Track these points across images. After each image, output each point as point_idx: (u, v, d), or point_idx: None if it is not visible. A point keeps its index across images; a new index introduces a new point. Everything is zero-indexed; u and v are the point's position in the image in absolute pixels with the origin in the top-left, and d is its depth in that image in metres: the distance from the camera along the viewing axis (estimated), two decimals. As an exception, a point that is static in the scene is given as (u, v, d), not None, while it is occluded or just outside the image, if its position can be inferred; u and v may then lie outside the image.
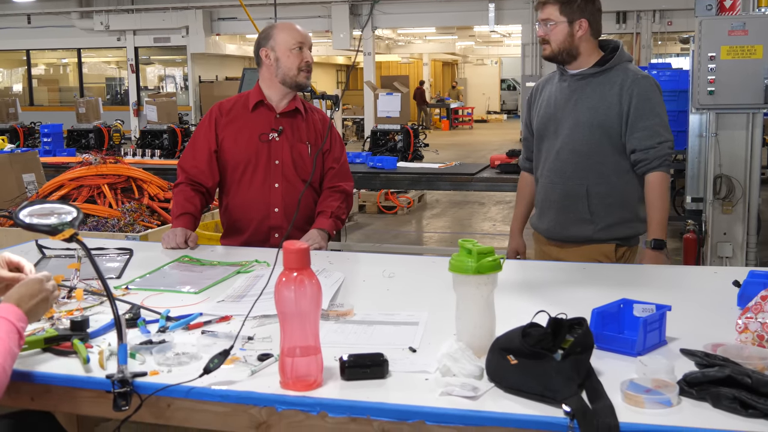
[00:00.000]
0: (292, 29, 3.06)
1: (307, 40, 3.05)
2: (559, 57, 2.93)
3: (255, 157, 3.07)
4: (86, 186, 4.47)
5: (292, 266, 1.56)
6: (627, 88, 2.87)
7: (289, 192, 3.07)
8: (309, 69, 3.05)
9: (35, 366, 1.74)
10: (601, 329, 1.78)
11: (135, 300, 2.20)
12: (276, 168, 3.07)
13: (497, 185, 5.79)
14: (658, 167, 2.86)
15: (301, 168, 3.09)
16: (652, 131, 2.86)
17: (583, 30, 2.89)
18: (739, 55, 5.39)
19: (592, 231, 2.94)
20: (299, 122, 3.13)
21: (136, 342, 1.81)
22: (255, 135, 3.08)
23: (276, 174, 3.07)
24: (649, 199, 2.88)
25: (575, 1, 2.88)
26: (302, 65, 3.02)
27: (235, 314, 2.07)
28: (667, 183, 2.90)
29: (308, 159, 3.10)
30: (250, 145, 3.08)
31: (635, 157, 2.88)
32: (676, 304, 1.90)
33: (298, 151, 3.10)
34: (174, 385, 1.59)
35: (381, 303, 2.19)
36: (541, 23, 2.93)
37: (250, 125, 3.10)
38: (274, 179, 3.07)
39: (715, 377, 1.46)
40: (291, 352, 1.58)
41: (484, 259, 1.70)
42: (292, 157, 3.08)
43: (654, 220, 2.87)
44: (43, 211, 1.82)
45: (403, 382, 1.61)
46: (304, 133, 3.13)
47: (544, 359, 1.53)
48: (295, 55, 3.02)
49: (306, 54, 3.04)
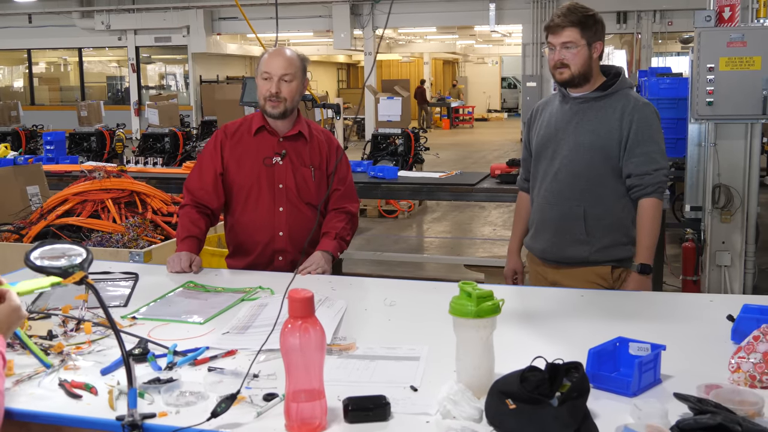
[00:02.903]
0: (268, 58, 3.07)
1: (276, 71, 3.02)
2: (576, 80, 2.94)
3: (258, 180, 3.12)
4: (90, 201, 4.51)
5: (297, 314, 1.61)
6: (628, 114, 2.91)
7: (293, 216, 3.12)
8: (275, 99, 3.04)
9: (46, 406, 1.79)
10: (597, 369, 1.82)
11: (142, 331, 2.25)
12: (280, 192, 3.12)
13: (497, 195, 5.83)
14: (651, 193, 2.90)
15: (305, 192, 3.14)
16: (649, 158, 2.90)
17: (597, 53, 2.93)
18: (738, 66, 5.42)
19: (588, 252, 2.97)
20: (302, 146, 3.17)
21: (145, 379, 1.86)
22: (260, 159, 3.12)
23: (280, 198, 3.12)
24: (640, 224, 2.92)
25: (592, 24, 2.91)
26: (266, 94, 3.05)
27: (240, 348, 2.12)
28: (659, 209, 2.93)
29: (311, 183, 3.15)
30: (254, 169, 3.13)
31: (630, 182, 2.93)
32: (670, 338, 1.95)
33: (302, 175, 3.14)
34: (183, 428, 1.64)
35: (383, 335, 2.24)
36: (559, 47, 2.91)
37: (254, 149, 3.15)
38: (279, 203, 3.12)
39: (707, 425, 1.51)
40: (296, 397, 1.63)
41: (483, 303, 1.74)
42: (295, 181, 3.13)
43: (642, 244, 2.91)
44: (54, 253, 1.86)
45: (404, 424, 1.66)
46: (308, 157, 3.17)
47: (541, 405, 1.58)
48: (262, 83, 3.06)
49: (273, 85, 3.03)
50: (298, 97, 3.12)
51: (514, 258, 3.28)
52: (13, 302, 1.76)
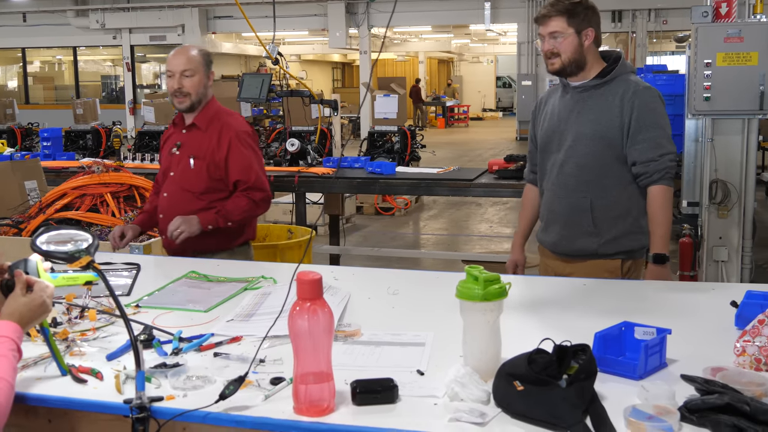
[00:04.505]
0: (170, 57, 3.38)
1: (176, 67, 3.33)
2: (568, 69, 2.91)
3: (166, 169, 3.51)
4: (89, 195, 4.51)
5: (305, 296, 1.61)
6: (628, 100, 2.87)
7: (172, 201, 3.43)
8: (179, 95, 3.35)
9: (53, 390, 1.79)
10: (603, 353, 1.83)
11: (146, 318, 2.25)
12: (170, 179, 3.46)
13: (495, 191, 5.83)
14: (659, 180, 2.86)
15: (185, 179, 3.41)
16: (653, 143, 2.85)
17: (590, 40, 2.89)
18: (735, 61, 5.43)
19: (596, 244, 2.94)
20: (195, 137, 3.44)
21: (151, 365, 1.86)
22: (169, 149, 3.51)
23: (168, 185, 3.47)
24: (651, 213, 2.88)
25: (581, 11, 2.87)
26: (170, 90, 3.37)
27: (245, 334, 2.12)
28: (668, 195, 2.88)
29: (190, 171, 3.40)
30: (165, 159, 3.55)
31: (636, 169, 2.88)
32: (674, 324, 1.95)
33: (186, 164, 3.42)
34: (191, 410, 1.64)
35: (387, 322, 2.24)
36: (547, 37, 2.90)
37: (171, 140, 3.54)
38: (165, 190, 3.47)
39: (714, 404, 1.51)
40: (304, 379, 1.63)
41: (490, 286, 1.75)
42: (180, 169, 3.42)
43: (655, 234, 2.87)
44: (61, 238, 1.86)
45: (412, 407, 1.66)
46: (196, 147, 3.41)
47: (549, 386, 1.58)
48: (167, 81, 3.40)
49: (175, 81, 3.33)
50: (203, 90, 3.40)
51: (516, 251, 3.24)
52: (39, 297, 1.77)
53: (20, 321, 1.74)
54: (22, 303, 1.76)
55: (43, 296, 1.79)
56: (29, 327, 1.79)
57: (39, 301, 1.78)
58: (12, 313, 1.75)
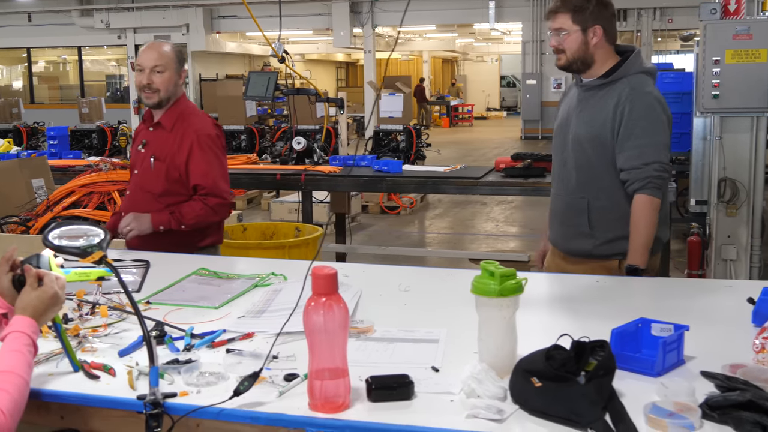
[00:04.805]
0: (141, 52, 3.34)
1: (147, 63, 3.26)
2: (574, 66, 2.87)
3: (133, 166, 3.47)
4: (96, 192, 4.50)
5: (320, 291, 1.60)
6: (621, 104, 2.78)
7: (132, 200, 3.40)
8: (148, 90, 3.28)
9: (66, 386, 1.77)
10: (620, 349, 1.81)
11: (157, 315, 2.24)
12: (134, 177, 3.44)
13: (503, 189, 5.81)
14: (640, 189, 2.75)
15: (145, 179, 3.35)
16: (638, 152, 2.75)
17: (598, 37, 2.82)
18: (744, 59, 5.40)
19: (591, 246, 2.89)
20: (159, 135, 3.36)
21: (163, 361, 1.85)
22: (137, 146, 3.46)
23: (131, 183, 3.45)
24: (631, 222, 2.78)
25: (588, 8, 2.80)
26: (139, 85, 3.31)
27: (258, 331, 2.11)
28: (651, 206, 2.75)
29: (150, 171, 3.33)
30: (133, 156, 3.50)
31: (622, 176, 2.81)
32: (690, 321, 1.92)
33: (147, 163, 3.35)
34: (205, 406, 1.63)
35: (400, 318, 2.22)
36: (554, 33, 2.86)
37: (139, 137, 3.47)
38: (129, 187, 3.47)
39: (736, 401, 1.49)
40: (320, 375, 1.61)
41: (506, 281, 1.73)
42: (143, 168, 3.37)
43: (631, 244, 2.76)
44: (73, 233, 1.85)
45: (428, 403, 1.65)
46: (159, 147, 3.34)
47: (568, 382, 1.57)
48: (137, 75, 3.33)
49: (145, 76, 3.26)
50: (173, 87, 3.32)
51: (545, 241, 3.19)
52: (50, 288, 1.76)
53: (34, 315, 1.73)
54: (34, 296, 1.75)
55: (54, 288, 1.77)
56: (44, 320, 1.77)
57: (51, 292, 1.76)
58: (25, 307, 1.74)
